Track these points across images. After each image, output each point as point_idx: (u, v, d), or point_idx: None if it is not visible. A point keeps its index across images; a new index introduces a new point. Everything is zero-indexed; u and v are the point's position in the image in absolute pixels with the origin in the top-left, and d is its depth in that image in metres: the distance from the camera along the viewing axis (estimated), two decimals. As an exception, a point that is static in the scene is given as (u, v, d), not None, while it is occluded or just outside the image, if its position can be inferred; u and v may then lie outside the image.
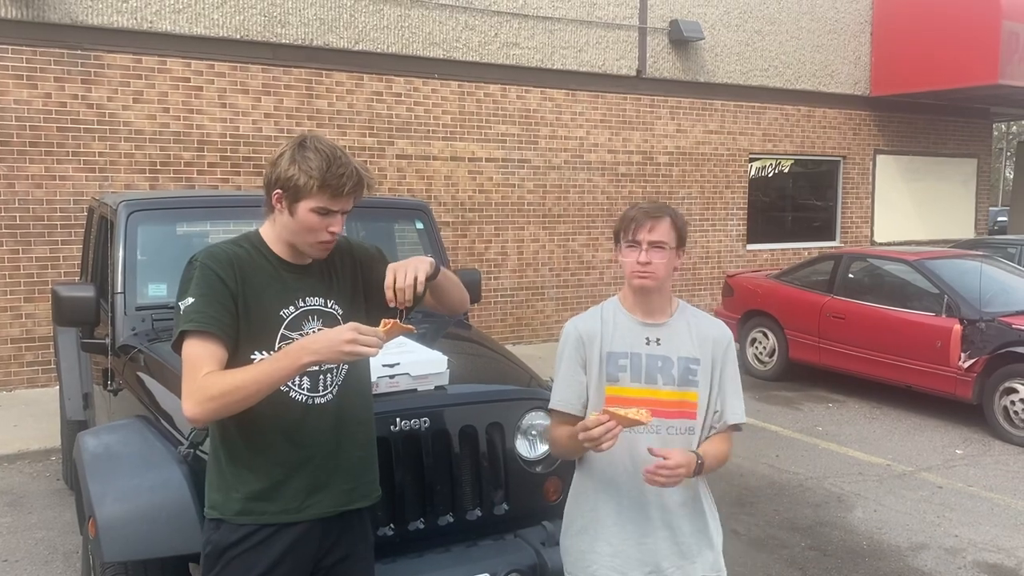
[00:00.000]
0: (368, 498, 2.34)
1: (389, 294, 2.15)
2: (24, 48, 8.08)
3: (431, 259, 2.26)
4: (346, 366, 2.28)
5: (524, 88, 10.86)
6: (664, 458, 2.13)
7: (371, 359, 2.47)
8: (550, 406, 2.45)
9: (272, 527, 2.18)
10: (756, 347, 9.56)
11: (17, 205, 8.13)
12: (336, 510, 2.25)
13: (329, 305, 2.28)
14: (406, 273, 2.16)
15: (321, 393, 2.23)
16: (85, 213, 6.24)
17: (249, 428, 2.17)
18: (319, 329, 2.21)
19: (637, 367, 2.33)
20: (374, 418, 2.43)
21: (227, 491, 2.21)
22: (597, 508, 2.39)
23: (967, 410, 7.67)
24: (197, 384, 2.03)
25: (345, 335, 1.96)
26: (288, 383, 2.17)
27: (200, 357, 2.06)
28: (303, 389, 2.20)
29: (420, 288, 2.18)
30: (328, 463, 2.23)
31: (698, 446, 2.33)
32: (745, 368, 9.62)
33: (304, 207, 2.14)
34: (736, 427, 2.40)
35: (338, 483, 2.25)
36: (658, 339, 2.35)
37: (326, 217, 2.15)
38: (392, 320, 2.07)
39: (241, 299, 2.15)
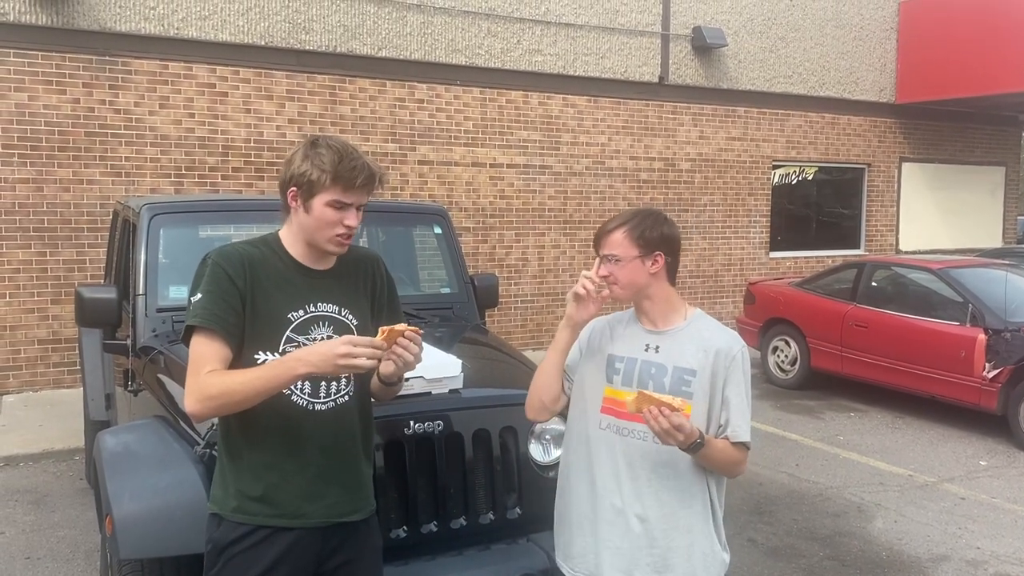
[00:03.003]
0: (362, 512, 2.33)
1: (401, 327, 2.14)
2: (54, 54, 8.23)
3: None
4: (351, 376, 2.28)
5: (546, 95, 10.88)
6: (674, 409, 2.09)
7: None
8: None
9: (270, 528, 2.19)
10: (778, 355, 9.49)
11: (45, 208, 8.26)
12: (331, 521, 2.25)
13: (342, 313, 2.28)
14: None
15: (323, 400, 2.23)
16: (110, 216, 6.34)
17: (248, 427, 2.19)
18: (327, 335, 2.22)
19: (630, 371, 2.33)
20: (374, 435, 2.44)
21: (226, 487, 2.23)
22: (574, 507, 2.42)
23: (991, 421, 7.57)
24: (198, 382, 2.08)
25: (339, 348, 1.97)
26: (290, 387, 2.18)
27: (203, 355, 2.11)
28: (304, 394, 2.21)
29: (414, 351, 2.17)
30: (325, 473, 2.23)
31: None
32: (767, 376, 9.57)
33: (319, 201, 2.17)
34: (740, 444, 2.29)
35: (334, 494, 2.25)
36: (657, 346, 2.34)
37: (341, 211, 2.18)
38: (389, 327, 2.08)
39: (249, 299, 2.17)
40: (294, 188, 2.19)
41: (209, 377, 2.07)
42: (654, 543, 2.29)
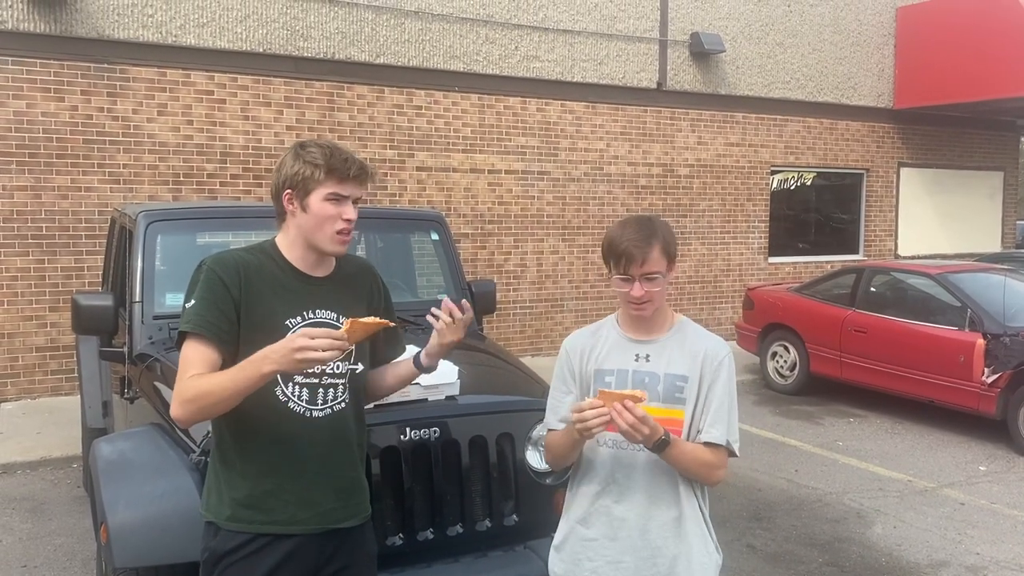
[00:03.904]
0: (357, 517, 2.33)
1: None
2: (52, 62, 8.23)
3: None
4: (347, 383, 2.28)
5: (544, 101, 10.89)
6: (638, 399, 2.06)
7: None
8: (542, 426, 2.43)
9: (267, 537, 2.19)
10: (777, 361, 9.48)
11: (43, 216, 8.26)
12: (325, 527, 2.24)
13: (340, 320, 2.26)
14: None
15: (319, 407, 2.23)
16: (108, 224, 6.34)
17: (242, 434, 2.19)
18: None
19: (622, 384, 2.28)
20: (367, 442, 2.44)
21: (220, 495, 2.23)
22: (574, 524, 2.37)
23: (991, 426, 7.56)
24: (181, 386, 2.09)
25: (296, 342, 1.94)
26: (287, 392, 2.19)
27: (190, 360, 2.12)
28: (301, 400, 2.21)
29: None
30: (319, 479, 2.23)
31: None
32: (766, 382, 9.56)
33: (316, 198, 2.19)
34: (716, 446, 2.25)
35: (328, 500, 2.24)
36: (647, 355, 2.31)
37: (339, 204, 2.20)
38: (351, 318, 2.04)
39: (244, 306, 2.17)
40: (289, 191, 2.21)
41: (189, 381, 2.07)
42: (658, 553, 2.27)
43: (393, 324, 2.16)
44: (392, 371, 2.49)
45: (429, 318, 2.37)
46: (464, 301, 2.36)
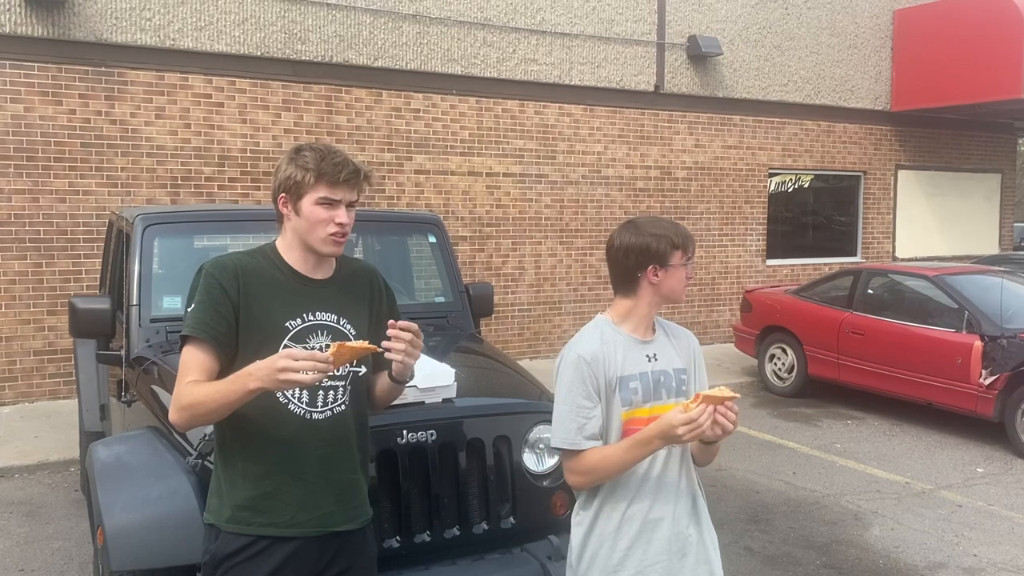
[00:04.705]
0: (357, 521, 2.32)
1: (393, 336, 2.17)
2: (50, 65, 8.24)
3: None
4: (348, 386, 2.28)
5: (542, 104, 10.91)
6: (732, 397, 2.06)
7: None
8: (554, 445, 2.30)
9: (268, 540, 2.19)
10: (775, 363, 9.49)
11: (41, 219, 8.26)
12: (325, 530, 2.24)
13: (341, 323, 2.28)
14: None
15: (319, 409, 2.23)
16: (106, 227, 6.34)
17: (244, 435, 2.20)
18: (325, 344, 2.21)
19: (647, 387, 2.28)
20: (369, 445, 2.44)
21: (221, 496, 2.23)
22: (603, 540, 2.29)
23: (988, 428, 7.57)
24: (178, 391, 2.11)
25: (278, 363, 1.94)
26: (287, 395, 2.19)
27: (187, 364, 2.14)
28: (301, 403, 2.21)
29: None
30: (319, 481, 2.23)
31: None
32: (764, 384, 9.57)
33: (308, 201, 2.19)
34: None
35: (328, 503, 2.24)
36: (655, 355, 2.34)
37: (331, 208, 2.20)
38: (338, 342, 2.03)
39: (243, 309, 2.18)
40: (284, 194, 2.23)
41: (186, 387, 2.09)
42: (687, 544, 2.30)
43: (380, 350, 2.14)
44: (380, 384, 2.41)
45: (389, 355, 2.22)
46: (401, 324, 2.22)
